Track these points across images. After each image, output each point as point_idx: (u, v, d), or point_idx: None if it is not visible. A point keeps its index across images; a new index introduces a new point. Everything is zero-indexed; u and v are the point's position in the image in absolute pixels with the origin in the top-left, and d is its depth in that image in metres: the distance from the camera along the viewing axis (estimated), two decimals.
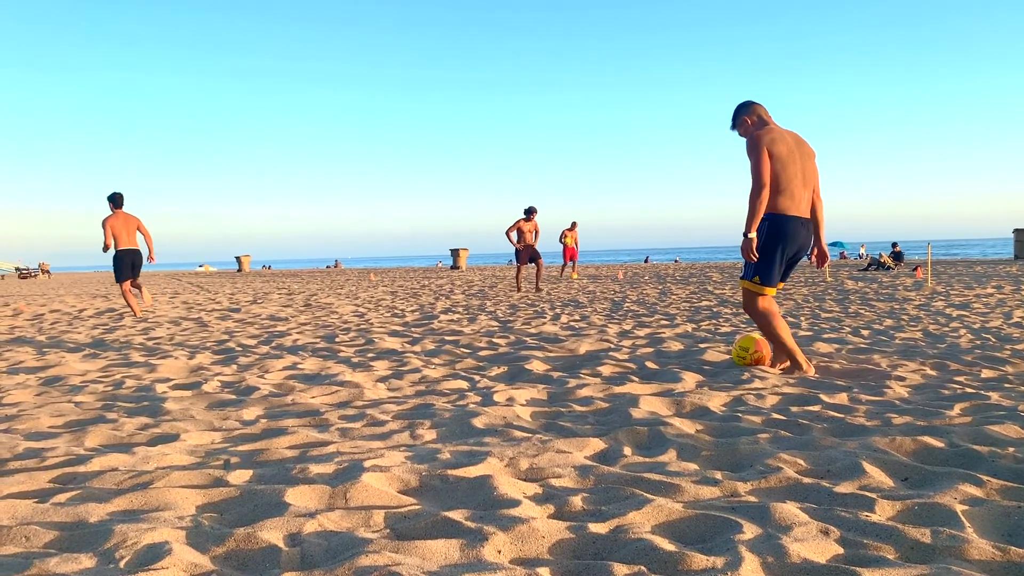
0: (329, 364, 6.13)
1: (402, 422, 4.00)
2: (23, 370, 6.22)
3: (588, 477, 2.93)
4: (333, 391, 4.94)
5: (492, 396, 4.55)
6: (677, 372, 5.15)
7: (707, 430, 3.67)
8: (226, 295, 18.38)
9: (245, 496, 2.78)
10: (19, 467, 3.30)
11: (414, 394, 4.83)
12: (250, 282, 28.66)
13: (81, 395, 4.99)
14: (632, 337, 7.31)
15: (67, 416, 4.36)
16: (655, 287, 17.17)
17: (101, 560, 2.22)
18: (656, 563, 2.11)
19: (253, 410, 4.39)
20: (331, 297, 16.23)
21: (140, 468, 3.17)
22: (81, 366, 6.32)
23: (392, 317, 10.59)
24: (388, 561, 2.11)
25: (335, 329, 9.04)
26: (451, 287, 19.61)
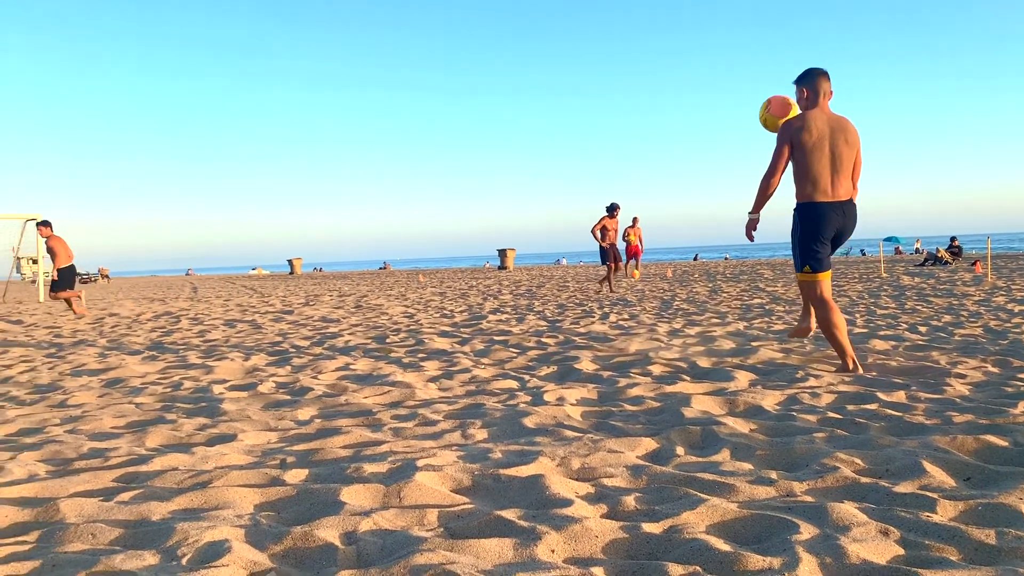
0: (380, 365, 6.19)
1: (453, 422, 4.02)
2: (86, 372, 6.41)
3: (640, 477, 2.91)
4: (385, 391, 4.99)
5: (542, 396, 4.55)
6: (729, 371, 5.09)
7: (761, 429, 3.62)
8: (279, 297, 18.68)
9: (301, 495, 2.83)
10: (84, 466, 3.40)
11: (464, 394, 4.86)
12: (302, 284, 29.09)
13: (141, 396, 5.13)
14: (682, 336, 7.25)
15: (128, 417, 4.48)
16: (705, 285, 17.00)
17: (164, 557, 2.27)
18: (711, 563, 2.09)
19: (307, 410, 4.46)
20: (381, 298, 16.39)
21: (199, 468, 3.24)
22: (141, 368, 6.48)
23: (441, 318, 10.66)
24: (443, 560, 2.13)
25: (386, 330, 9.13)
26: (499, 287, 19.66)
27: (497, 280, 25.04)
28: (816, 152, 4.85)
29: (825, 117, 4.94)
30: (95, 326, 11.47)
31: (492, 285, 21.25)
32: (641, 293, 14.62)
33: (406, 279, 31.02)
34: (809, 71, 5.06)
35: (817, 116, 4.92)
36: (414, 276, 34.66)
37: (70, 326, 11.57)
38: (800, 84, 5.06)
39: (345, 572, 2.11)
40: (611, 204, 15.04)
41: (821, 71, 5.04)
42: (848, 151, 4.92)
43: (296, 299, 17.51)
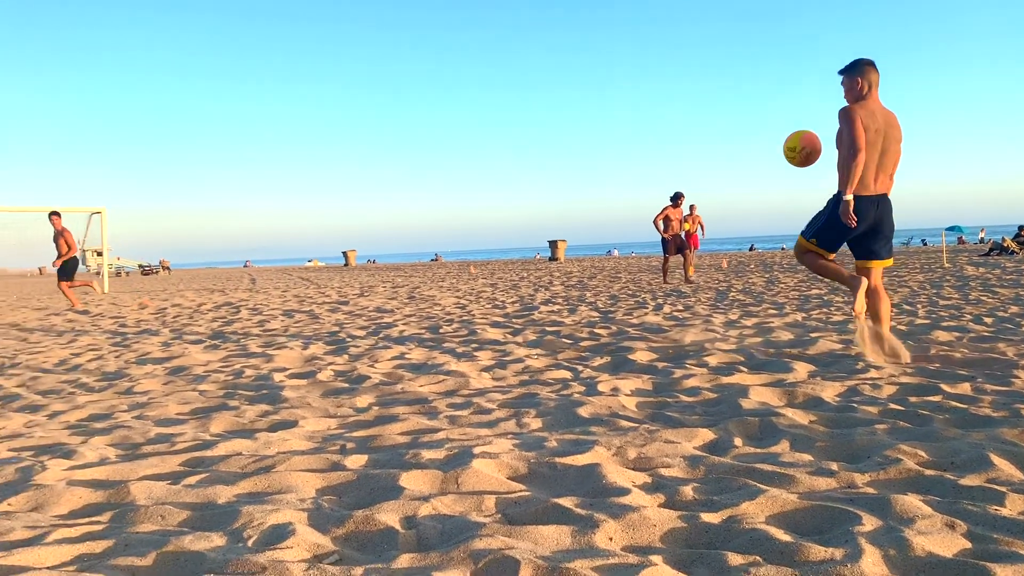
0: (435, 354, 6.25)
1: (508, 411, 4.05)
2: (150, 360, 6.60)
3: (698, 467, 2.90)
4: (440, 380, 5.04)
5: (596, 386, 4.55)
6: (788, 362, 5.02)
7: (821, 421, 3.57)
8: (334, 288, 18.96)
9: (362, 480, 2.88)
10: (152, 451, 3.51)
11: (518, 383, 4.88)
12: (356, 276, 29.47)
13: (204, 384, 5.26)
14: (739, 327, 7.16)
15: (193, 404, 4.61)
16: (761, 276, 16.76)
17: (231, 539, 2.34)
18: (772, 553, 2.08)
19: (365, 398, 4.53)
20: (433, 289, 16.52)
21: (262, 453, 3.32)
22: (203, 357, 6.65)
23: (493, 308, 10.70)
24: (502, 545, 2.15)
25: (439, 320, 9.20)
26: (550, 278, 19.66)
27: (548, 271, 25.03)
28: (870, 149, 4.90)
29: (880, 111, 4.98)
30: (158, 316, 11.79)
31: (543, 276, 21.25)
32: (695, 284, 14.48)
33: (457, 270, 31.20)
34: (858, 62, 5.06)
35: (876, 110, 4.96)
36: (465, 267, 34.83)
37: (134, 316, 11.91)
38: (852, 75, 5.06)
39: (406, 556, 2.15)
40: (675, 193, 14.69)
41: (869, 61, 5.05)
42: (894, 148, 5.01)
43: (351, 290, 17.75)
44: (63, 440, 3.79)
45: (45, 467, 3.19)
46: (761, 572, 1.96)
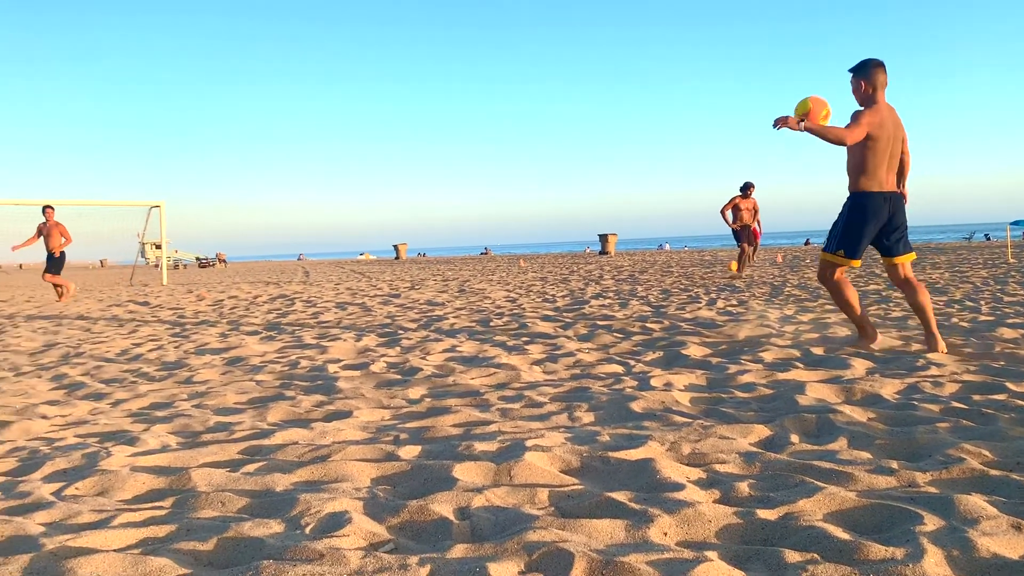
0: (486, 347, 6.27)
1: (559, 404, 4.04)
2: (208, 351, 6.74)
3: (754, 463, 2.86)
4: (491, 373, 5.06)
5: (649, 381, 4.52)
6: (845, 358, 4.93)
7: (880, 418, 3.50)
8: (386, 282, 19.15)
9: (415, 470, 2.91)
10: (211, 439, 3.59)
11: (569, 377, 4.87)
12: (407, 269, 29.72)
13: (261, 374, 5.37)
14: (795, 322, 7.05)
15: (250, 393, 4.70)
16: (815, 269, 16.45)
17: (288, 526, 2.39)
18: (830, 551, 2.04)
19: (418, 390, 4.57)
20: (483, 283, 16.58)
21: (318, 442, 3.38)
22: (259, 347, 6.78)
23: (543, 302, 10.69)
24: (555, 538, 2.16)
25: (489, 313, 9.23)
26: (600, 272, 19.57)
27: (598, 265, 24.92)
28: (881, 151, 5.07)
29: (889, 113, 5.12)
30: (215, 308, 12.04)
31: (593, 270, 21.17)
32: (749, 279, 14.28)
33: (507, 264, 31.25)
34: (867, 63, 5.13)
35: (886, 113, 5.08)
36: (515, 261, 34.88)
37: (192, 307, 12.19)
38: (858, 76, 5.15)
39: (460, 546, 2.16)
40: (745, 183, 14.37)
41: (879, 62, 5.12)
42: (899, 147, 5.19)
43: (402, 283, 17.91)
44: (126, 427, 3.91)
45: (110, 453, 3.29)
46: (819, 570, 1.93)
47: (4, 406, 4.55)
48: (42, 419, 4.17)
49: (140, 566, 2.11)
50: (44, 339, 8.22)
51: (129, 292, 18.06)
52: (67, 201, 21.76)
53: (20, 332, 9.06)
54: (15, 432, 3.90)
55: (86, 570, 2.08)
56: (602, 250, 39.99)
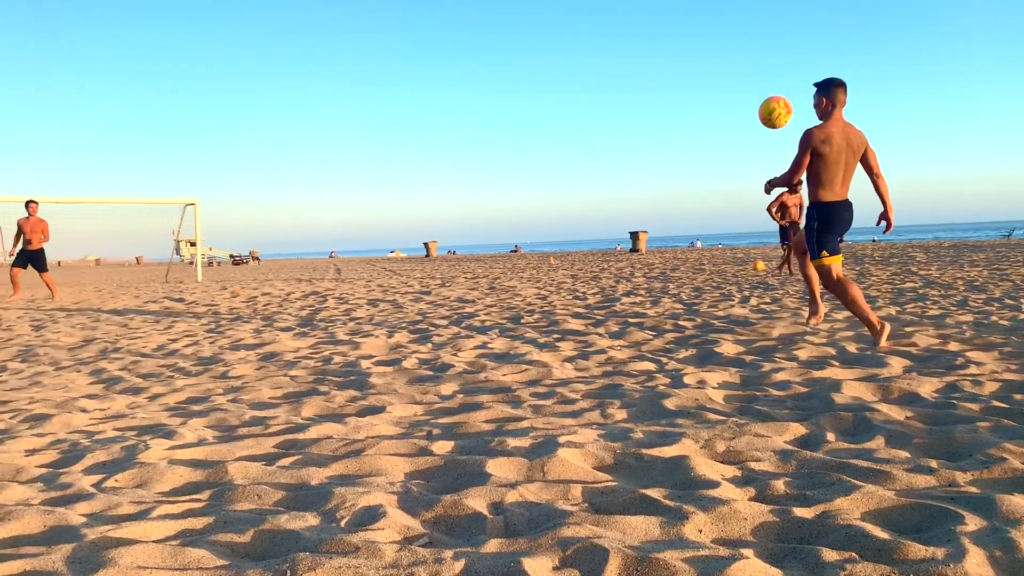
0: (516, 344, 6.27)
1: (592, 401, 4.03)
2: (243, 347, 6.82)
3: (789, 461, 2.84)
4: (523, 369, 5.06)
5: (682, 378, 4.49)
6: (881, 357, 4.86)
7: (918, 417, 3.44)
8: (416, 279, 19.23)
9: (449, 465, 2.92)
10: (247, 433, 3.63)
11: (601, 374, 4.86)
12: (437, 266, 29.81)
13: (295, 370, 5.42)
14: (830, 320, 6.96)
15: (284, 388, 4.75)
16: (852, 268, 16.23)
17: (324, 519, 2.41)
18: (868, 550, 2.02)
19: (450, 386, 4.58)
20: (514, 280, 16.58)
21: (352, 437, 3.40)
22: (293, 343, 6.84)
23: (574, 299, 10.67)
24: (589, 534, 2.15)
25: (520, 311, 9.23)
26: (631, 270, 19.48)
27: (629, 263, 24.81)
28: (833, 164, 5.51)
29: (841, 129, 5.51)
30: (249, 304, 12.17)
31: (624, 268, 21.07)
32: (783, 276, 14.13)
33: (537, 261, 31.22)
34: (830, 81, 5.56)
35: (835, 130, 5.49)
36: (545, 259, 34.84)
37: (227, 304, 12.33)
38: (822, 93, 5.58)
39: (494, 541, 2.17)
40: None
41: (840, 82, 5.55)
42: (854, 159, 5.60)
43: (433, 280, 17.97)
44: (163, 421, 3.96)
45: (148, 446, 3.34)
46: (858, 569, 1.90)
47: (45, 399, 4.64)
48: (82, 412, 4.25)
49: (179, 557, 2.14)
50: (82, 334, 8.37)
51: (165, 289, 18.32)
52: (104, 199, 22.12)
53: (59, 327, 9.23)
54: (56, 425, 3.97)
55: (127, 560, 2.11)
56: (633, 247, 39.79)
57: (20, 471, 3.10)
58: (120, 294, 16.64)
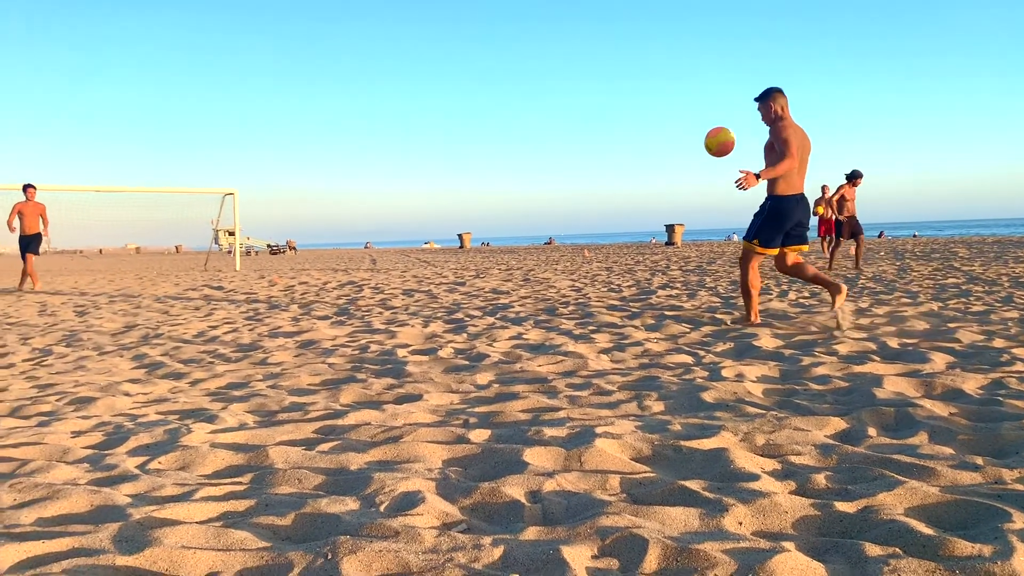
0: (552, 335, 6.27)
1: (628, 393, 4.02)
2: (281, 334, 6.90)
3: (830, 456, 2.80)
4: (558, 360, 5.06)
5: (720, 371, 4.46)
6: (924, 352, 4.78)
7: (962, 413, 3.38)
8: (451, 270, 19.29)
9: (486, 453, 2.93)
10: (287, 418, 3.68)
11: (638, 366, 4.83)
12: (471, 258, 29.87)
13: (333, 357, 5.47)
14: (870, 315, 6.86)
15: (323, 375, 4.79)
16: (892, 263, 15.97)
17: (364, 503, 2.43)
18: (913, 546, 1.99)
19: (486, 375, 4.59)
20: (548, 272, 16.56)
21: (390, 424, 3.43)
22: (330, 332, 6.91)
23: (609, 292, 10.63)
24: (628, 524, 2.15)
25: (554, 302, 9.22)
26: (667, 263, 19.35)
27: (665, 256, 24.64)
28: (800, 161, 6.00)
29: (798, 127, 6.03)
30: (287, 293, 12.31)
31: (660, 261, 20.94)
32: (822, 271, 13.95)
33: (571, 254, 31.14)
34: (770, 90, 6.07)
35: (795, 124, 6.01)
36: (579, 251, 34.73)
37: (265, 292, 12.48)
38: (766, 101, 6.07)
39: (533, 528, 2.17)
40: (852, 171, 13.56)
41: (779, 89, 6.09)
42: (808, 156, 6.12)
43: (467, 272, 18.02)
44: (205, 406, 4.03)
45: (190, 430, 3.39)
46: (902, 565, 1.88)
47: (89, 383, 4.74)
48: (125, 396, 4.33)
49: (222, 538, 2.18)
50: (125, 320, 8.52)
51: (204, 277, 18.58)
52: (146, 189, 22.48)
53: (102, 313, 9.41)
54: (100, 408, 4.05)
55: (171, 540, 2.15)
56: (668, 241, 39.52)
57: (67, 452, 3.18)
58: (160, 282, 16.92)
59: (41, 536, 2.22)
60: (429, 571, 1.91)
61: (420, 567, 1.94)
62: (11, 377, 5.08)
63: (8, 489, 2.62)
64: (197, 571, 2.01)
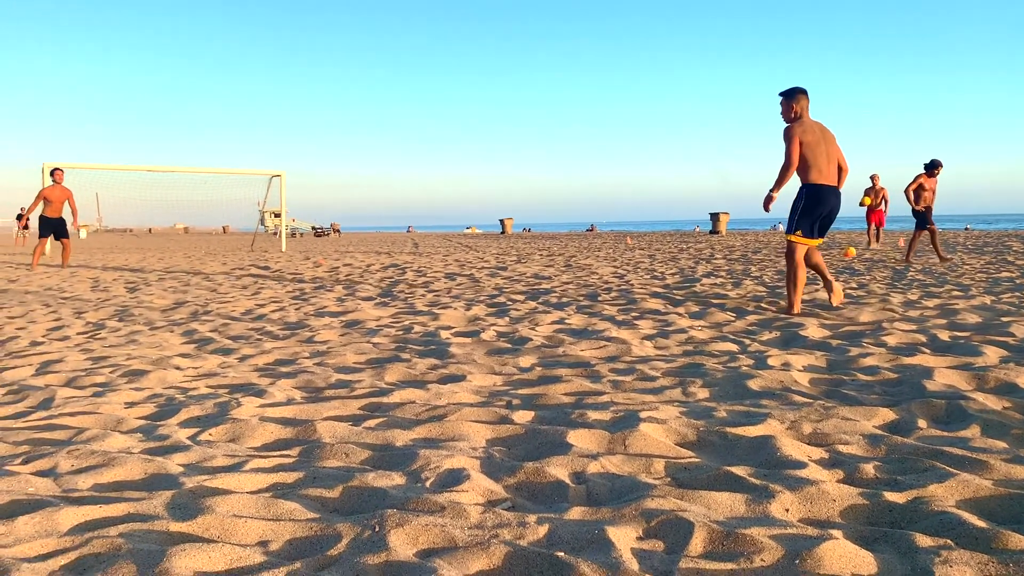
0: (594, 321, 6.25)
1: (672, 379, 4.00)
2: (327, 314, 6.99)
3: (879, 446, 2.76)
4: (601, 345, 5.05)
5: (766, 360, 4.41)
6: (976, 345, 4.67)
7: (1017, 407, 3.30)
8: (492, 255, 19.33)
9: (530, 434, 2.94)
10: (333, 395, 3.73)
11: (682, 353, 4.81)
12: (513, 243, 29.89)
13: (377, 337, 5.52)
14: (919, 307, 6.73)
15: (368, 355, 4.85)
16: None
17: (410, 479, 2.46)
18: (965, 538, 1.96)
19: (528, 358, 4.60)
20: (590, 259, 16.51)
21: (434, 403, 3.46)
22: (374, 312, 6.98)
23: (652, 279, 10.57)
24: (674, 507, 2.14)
25: (597, 288, 9.19)
26: (711, 251, 19.16)
27: (709, 244, 24.41)
28: (816, 148, 6.34)
29: (813, 125, 6.41)
30: (332, 274, 12.45)
31: (704, 249, 20.74)
32: (869, 262, 13.70)
33: (613, 241, 30.99)
34: (793, 90, 6.47)
35: (810, 121, 6.42)
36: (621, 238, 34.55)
37: (310, 273, 12.63)
38: (788, 100, 6.49)
39: (577, 508, 2.18)
40: (931, 161, 13.18)
41: (802, 89, 6.47)
42: (833, 149, 6.47)
43: (509, 257, 18.04)
44: (253, 381, 4.10)
45: (240, 403, 3.46)
46: (954, 556, 1.85)
47: (141, 356, 4.85)
48: (176, 370, 4.42)
49: (272, 508, 2.22)
50: (174, 297, 8.70)
51: (251, 257, 18.87)
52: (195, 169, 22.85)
53: (152, 290, 9.62)
54: (152, 380, 4.15)
55: (223, 509, 2.20)
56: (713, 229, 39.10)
57: (121, 422, 3.26)
58: (208, 260, 17.22)
59: (98, 501, 2.29)
60: (475, 546, 1.93)
61: (466, 542, 1.96)
62: (66, 349, 5.22)
63: (66, 456, 2.70)
64: (248, 539, 2.05)
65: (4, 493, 2.31)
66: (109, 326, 6.37)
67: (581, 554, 1.89)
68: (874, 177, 18.09)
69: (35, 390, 3.87)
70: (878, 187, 18.10)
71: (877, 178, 18.11)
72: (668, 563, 1.86)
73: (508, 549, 1.91)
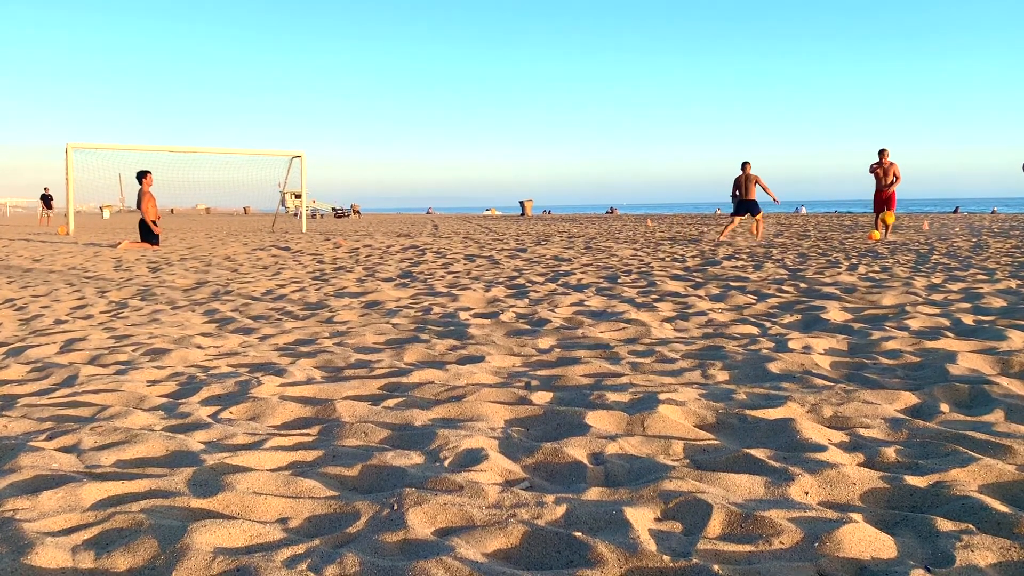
0: (614, 303, 6.23)
1: (692, 361, 3.98)
2: (347, 294, 7.01)
3: (900, 430, 2.74)
4: (620, 327, 5.03)
5: (786, 343, 4.38)
6: (1001, 330, 4.61)
7: None
8: (512, 237, 19.30)
9: (548, 415, 2.94)
10: (353, 375, 3.74)
11: (701, 336, 4.78)
12: (532, 225, 29.81)
13: (396, 318, 5.54)
14: (943, 291, 6.65)
15: (387, 335, 4.86)
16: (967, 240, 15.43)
17: (428, 458, 2.47)
18: (987, 523, 1.94)
19: (547, 340, 4.60)
20: (609, 241, 16.45)
21: (453, 383, 3.46)
22: (394, 293, 6.99)
23: (672, 261, 10.52)
24: (692, 488, 2.14)
25: (616, 271, 9.16)
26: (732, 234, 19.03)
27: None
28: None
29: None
30: (351, 255, 12.48)
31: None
32: (893, 245, 13.55)
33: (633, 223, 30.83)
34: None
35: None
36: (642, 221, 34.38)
37: (331, 254, 12.68)
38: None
39: (595, 489, 2.18)
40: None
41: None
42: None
43: (528, 239, 18.00)
44: (274, 360, 4.12)
45: (260, 382, 3.49)
46: (975, 541, 1.83)
47: (163, 335, 4.89)
48: (197, 349, 4.46)
49: (291, 486, 2.24)
50: (196, 277, 8.76)
51: (271, 238, 18.96)
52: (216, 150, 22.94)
53: (174, 271, 9.69)
54: (174, 359, 4.19)
55: (243, 486, 2.22)
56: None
57: (143, 399, 3.29)
58: (230, 241, 17.32)
59: (120, 477, 2.32)
60: (493, 525, 1.94)
61: (484, 521, 1.97)
62: (90, 328, 5.27)
63: (89, 432, 2.74)
64: (268, 516, 2.07)
65: (29, 468, 2.35)
66: (132, 305, 6.43)
67: (599, 534, 1.89)
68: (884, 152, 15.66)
69: (59, 367, 3.92)
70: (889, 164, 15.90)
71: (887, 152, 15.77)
72: (686, 544, 1.85)
73: (526, 528, 1.92)
